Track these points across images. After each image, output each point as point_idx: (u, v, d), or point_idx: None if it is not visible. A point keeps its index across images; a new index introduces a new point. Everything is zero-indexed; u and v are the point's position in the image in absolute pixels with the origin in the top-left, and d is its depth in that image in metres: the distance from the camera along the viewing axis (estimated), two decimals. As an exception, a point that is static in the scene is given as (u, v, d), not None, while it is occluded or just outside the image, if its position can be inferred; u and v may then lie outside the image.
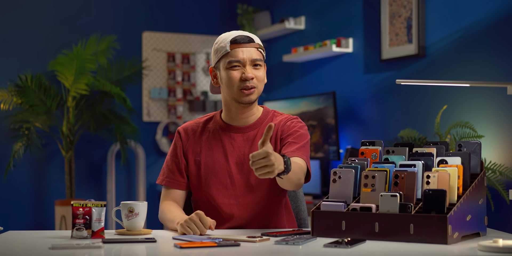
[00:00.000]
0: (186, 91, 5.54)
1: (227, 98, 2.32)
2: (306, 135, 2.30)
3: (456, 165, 1.95)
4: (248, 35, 2.29)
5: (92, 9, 5.29)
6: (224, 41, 2.28)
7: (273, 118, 2.36)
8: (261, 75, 2.28)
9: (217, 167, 2.30)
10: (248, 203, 2.28)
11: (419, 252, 1.74)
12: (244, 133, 2.32)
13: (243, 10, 5.42)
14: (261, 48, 2.31)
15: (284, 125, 2.32)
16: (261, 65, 2.29)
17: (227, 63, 2.26)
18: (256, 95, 2.29)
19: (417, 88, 4.00)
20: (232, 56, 2.26)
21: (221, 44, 2.28)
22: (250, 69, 2.26)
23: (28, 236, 2.10)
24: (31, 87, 4.76)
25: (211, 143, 2.34)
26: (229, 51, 2.26)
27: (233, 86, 2.26)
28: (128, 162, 5.35)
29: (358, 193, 2.05)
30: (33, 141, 4.79)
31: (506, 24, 3.49)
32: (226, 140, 2.32)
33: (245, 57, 2.25)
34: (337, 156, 4.41)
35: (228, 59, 2.26)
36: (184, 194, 2.37)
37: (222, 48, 2.28)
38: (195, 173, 2.33)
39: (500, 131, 3.49)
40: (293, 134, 2.28)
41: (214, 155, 2.32)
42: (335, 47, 4.53)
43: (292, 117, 2.35)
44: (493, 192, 3.43)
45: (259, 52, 2.29)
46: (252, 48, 2.27)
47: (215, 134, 2.35)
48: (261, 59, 2.29)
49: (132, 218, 2.10)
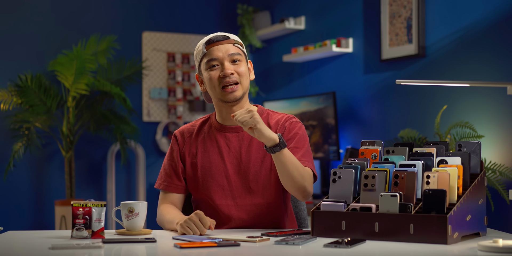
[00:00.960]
0: (186, 91, 5.54)
1: (214, 99, 2.33)
2: (305, 136, 2.30)
3: (456, 165, 1.95)
4: (223, 34, 2.30)
5: (92, 9, 5.29)
6: (200, 44, 2.30)
7: (269, 117, 2.35)
8: (243, 70, 2.27)
9: (213, 168, 2.30)
10: (246, 204, 2.27)
11: (419, 252, 1.74)
12: (239, 133, 2.32)
13: (243, 10, 5.42)
14: (238, 43, 2.30)
15: (283, 126, 2.31)
16: (240, 60, 2.28)
17: (205, 63, 2.27)
18: (241, 91, 2.27)
19: (417, 88, 4.01)
20: (209, 55, 2.26)
21: (198, 48, 2.31)
22: (229, 65, 2.26)
23: (28, 236, 2.10)
24: (31, 87, 4.76)
25: (207, 145, 2.33)
26: (205, 52, 2.27)
27: (214, 86, 2.26)
28: (128, 162, 5.35)
29: (358, 193, 2.05)
30: (33, 141, 4.79)
31: (506, 24, 3.49)
32: (222, 141, 2.32)
33: (221, 54, 2.25)
34: (337, 156, 4.41)
35: (205, 59, 2.27)
36: (182, 198, 2.36)
37: (199, 51, 2.30)
38: (192, 175, 2.33)
39: (500, 131, 3.49)
40: (294, 138, 2.28)
41: (210, 156, 2.31)
42: (335, 47, 4.53)
43: (289, 116, 2.35)
44: (493, 192, 3.43)
45: (236, 47, 2.28)
46: (228, 44, 2.27)
47: (211, 135, 2.34)
48: (240, 54, 2.28)
49: (132, 218, 2.10)
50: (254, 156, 2.28)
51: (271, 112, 2.38)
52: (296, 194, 2.20)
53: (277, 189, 2.29)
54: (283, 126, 2.31)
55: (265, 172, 2.27)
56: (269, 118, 2.35)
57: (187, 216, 2.18)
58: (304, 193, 2.19)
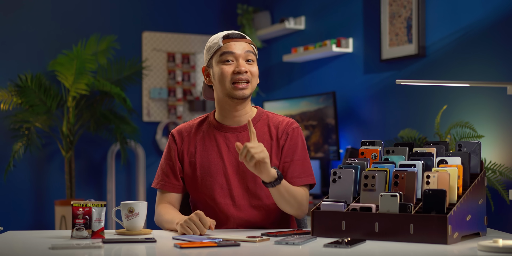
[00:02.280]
0: (186, 91, 5.54)
1: (219, 95, 2.30)
2: (304, 143, 2.33)
3: (456, 165, 1.95)
4: (240, 32, 2.31)
5: (92, 9, 5.29)
6: (216, 38, 2.29)
7: (269, 120, 2.34)
8: (255, 70, 2.28)
9: (212, 167, 2.30)
10: (245, 204, 2.27)
11: (419, 252, 1.74)
12: (239, 133, 2.31)
13: (243, 10, 5.42)
14: (253, 45, 2.31)
15: (285, 132, 2.31)
16: (254, 60, 2.29)
17: (219, 56, 2.26)
18: (250, 90, 2.27)
19: (417, 88, 4.00)
20: (225, 48, 2.26)
21: (213, 41, 2.29)
22: (244, 63, 2.26)
23: (28, 236, 2.10)
24: (31, 87, 4.76)
25: (206, 144, 2.33)
26: (221, 46, 2.26)
27: (225, 81, 2.25)
28: (128, 162, 5.35)
29: (358, 193, 2.05)
30: (33, 141, 4.79)
31: (506, 24, 3.49)
32: (221, 140, 2.32)
33: (238, 51, 2.25)
34: (337, 156, 4.41)
35: (221, 52, 2.26)
36: (180, 197, 2.36)
37: (214, 44, 2.28)
38: (190, 174, 2.32)
39: (500, 131, 3.49)
40: (295, 148, 2.30)
41: (209, 155, 2.31)
42: (335, 47, 4.53)
43: (290, 121, 2.35)
44: (493, 192, 3.43)
45: (251, 47, 2.29)
46: (244, 43, 2.28)
47: (209, 134, 2.34)
48: (254, 54, 2.29)
49: (132, 218, 2.10)
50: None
51: (271, 114, 2.37)
52: (293, 215, 2.28)
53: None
54: (285, 132, 2.31)
55: None
56: (269, 120, 2.34)
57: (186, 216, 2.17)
58: (301, 215, 2.27)
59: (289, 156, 2.29)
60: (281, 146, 2.29)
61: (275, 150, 2.29)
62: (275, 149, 2.29)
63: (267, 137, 2.30)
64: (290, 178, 2.27)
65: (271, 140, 2.30)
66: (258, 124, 2.32)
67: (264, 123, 2.33)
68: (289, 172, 2.28)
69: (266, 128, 2.32)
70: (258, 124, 2.32)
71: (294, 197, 2.19)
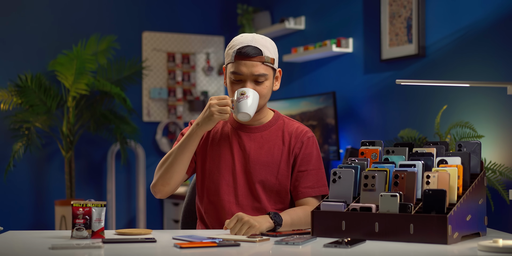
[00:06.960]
0: (186, 91, 5.54)
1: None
2: (318, 152, 2.33)
3: (456, 165, 1.95)
4: (257, 47, 2.23)
5: (92, 9, 5.29)
6: (233, 48, 2.24)
7: (284, 125, 2.34)
8: (263, 90, 2.24)
9: (222, 162, 2.30)
10: (248, 205, 2.27)
11: (419, 252, 1.74)
12: (252, 134, 2.32)
13: (243, 10, 5.42)
14: (268, 61, 2.23)
15: (300, 140, 2.30)
16: (266, 78, 2.24)
17: (230, 73, 2.25)
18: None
19: (417, 88, 4.01)
20: (235, 68, 2.23)
21: (230, 49, 2.26)
22: (251, 84, 2.22)
23: (28, 236, 2.10)
24: (31, 87, 4.77)
25: (219, 138, 2.33)
26: (233, 62, 2.24)
27: (231, 96, 2.25)
28: (128, 162, 5.35)
29: (358, 193, 2.05)
30: (33, 141, 4.79)
31: (506, 24, 3.49)
32: (234, 138, 2.32)
33: (247, 72, 2.22)
34: (337, 156, 4.41)
35: (231, 69, 2.25)
36: (185, 178, 2.32)
37: (229, 55, 2.26)
38: (200, 165, 2.33)
39: (500, 131, 3.49)
40: (310, 159, 2.30)
41: (221, 150, 2.31)
42: (335, 47, 4.53)
43: (306, 129, 2.34)
44: (493, 192, 3.43)
45: (264, 66, 2.22)
46: (257, 62, 2.22)
47: (224, 130, 2.34)
48: (265, 74, 2.23)
49: (243, 100, 2.16)
50: (262, 161, 2.27)
51: (287, 120, 2.36)
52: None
53: (280, 198, 2.29)
54: (300, 141, 2.30)
55: (270, 178, 2.27)
56: (285, 126, 2.34)
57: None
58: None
59: (303, 166, 2.29)
60: (294, 154, 2.29)
61: (285, 157, 2.29)
62: (285, 156, 2.29)
63: (280, 142, 2.30)
64: (303, 188, 2.27)
65: (283, 145, 2.30)
66: (273, 128, 2.33)
67: (279, 128, 2.33)
68: (303, 182, 2.28)
69: (280, 133, 2.32)
70: (273, 128, 2.33)
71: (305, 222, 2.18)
